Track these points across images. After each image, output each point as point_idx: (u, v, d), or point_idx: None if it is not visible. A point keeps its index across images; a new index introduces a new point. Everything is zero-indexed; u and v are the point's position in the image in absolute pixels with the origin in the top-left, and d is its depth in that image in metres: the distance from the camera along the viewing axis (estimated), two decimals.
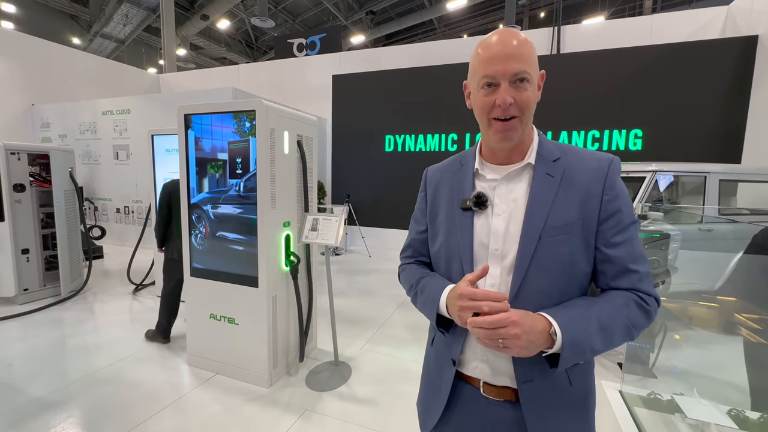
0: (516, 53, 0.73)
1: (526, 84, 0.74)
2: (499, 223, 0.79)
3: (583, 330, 0.69)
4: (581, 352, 0.70)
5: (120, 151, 6.51)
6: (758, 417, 1.15)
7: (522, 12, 14.64)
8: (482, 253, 0.80)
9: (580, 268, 0.76)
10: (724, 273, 3.36)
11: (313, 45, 9.11)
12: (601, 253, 0.76)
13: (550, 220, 0.75)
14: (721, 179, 3.43)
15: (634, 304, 0.73)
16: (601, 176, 0.76)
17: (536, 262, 0.75)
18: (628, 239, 0.75)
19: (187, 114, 2.57)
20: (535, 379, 0.76)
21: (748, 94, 4.89)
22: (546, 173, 0.79)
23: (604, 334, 0.70)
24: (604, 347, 0.71)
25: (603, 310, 0.72)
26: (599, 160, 0.78)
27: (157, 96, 7.18)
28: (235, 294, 2.52)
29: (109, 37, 14.20)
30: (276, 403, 2.33)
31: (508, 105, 0.74)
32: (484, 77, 0.76)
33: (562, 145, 0.83)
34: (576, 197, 0.76)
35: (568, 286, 0.76)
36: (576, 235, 0.75)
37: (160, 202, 3.05)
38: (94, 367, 2.70)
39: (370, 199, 6.93)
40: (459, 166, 0.91)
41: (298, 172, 2.70)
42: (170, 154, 3.94)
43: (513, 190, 0.81)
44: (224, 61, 17.79)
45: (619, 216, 0.75)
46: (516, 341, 0.67)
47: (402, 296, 4.41)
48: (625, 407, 1.25)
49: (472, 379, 0.83)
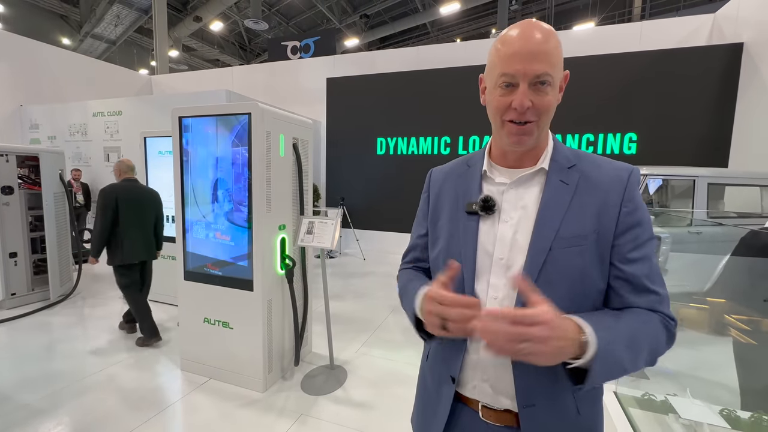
0: (539, 51, 0.66)
1: (547, 87, 0.68)
2: (506, 230, 0.73)
3: (613, 343, 0.60)
4: (610, 370, 0.61)
5: (111, 153, 6.43)
6: (749, 416, 1.18)
7: (514, 17, 14.81)
8: (485, 261, 0.74)
9: (593, 284, 0.69)
10: (713, 275, 3.42)
11: (308, 48, 9.11)
12: (616, 269, 0.69)
13: (563, 230, 0.69)
14: (709, 183, 3.51)
15: (659, 323, 0.66)
16: (620, 187, 0.70)
17: (545, 275, 0.68)
18: (645, 256, 0.68)
19: (182, 116, 2.55)
20: (538, 404, 0.69)
21: (734, 99, 5.01)
22: (560, 180, 0.72)
23: (631, 351, 0.62)
24: (631, 367, 0.63)
25: (631, 326, 0.64)
26: (618, 170, 0.72)
27: (149, 97, 7.13)
28: (230, 298, 2.50)
29: (99, 38, 14.05)
30: (271, 408, 2.31)
31: (526, 109, 0.67)
32: (502, 75, 0.69)
33: (578, 151, 0.78)
34: (592, 207, 0.70)
35: (580, 304, 0.68)
36: (590, 248, 0.68)
37: (103, 207, 2.92)
38: (84, 373, 2.65)
39: (365, 202, 6.93)
40: (466, 167, 0.85)
41: (294, 175, 2.70)
42: (163, 156, 3.90)
43: (523, 196, 0.75)
44: (217, 63, 17.70)
45: (637, 230, 0.69)
46: (542, 346, 0.56)
47: (397, 299, 4.39)
48: (621, 408, 1.27)
49: (470, 401, 0.76)
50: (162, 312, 3.83)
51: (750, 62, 4.82)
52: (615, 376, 0.63)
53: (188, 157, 2.56)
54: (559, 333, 0.57)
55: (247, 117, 2.33)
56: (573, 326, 0.60)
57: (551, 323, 0.56)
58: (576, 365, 0.60)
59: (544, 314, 0.56)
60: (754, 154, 4.66)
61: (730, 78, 5.02)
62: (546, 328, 0.55)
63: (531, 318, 0.56)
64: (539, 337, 0.55)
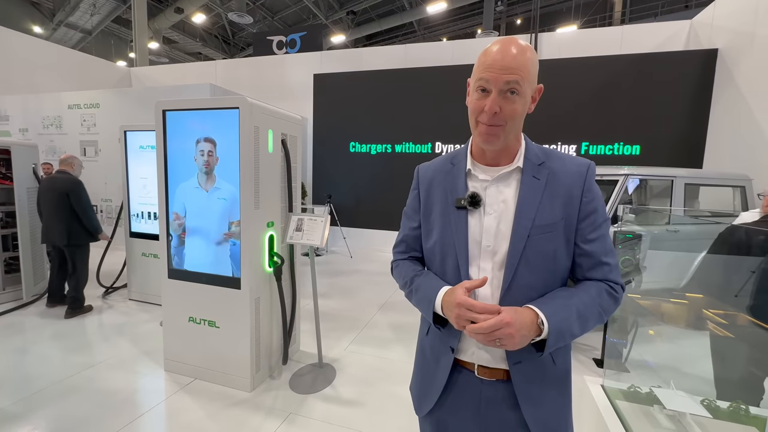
0: (512, 65, 0.77)
1: (515, 97, 0.78)
2: (490, 221, 0.85)
3: (564, 319, 0.77)
4: (563, 338, 0.78)
5: (88, 147, 6.19)
6: (728, 406, 1.23)
7: (499, 18, 14.99)
8: (475, 249, 0.86)
9: (562, 262, 0.84)
10: (689, 271, 3.56)
11: (294, 43, 8.99)
12: (579, 248, 0.84)
13: (537, 219, 0.82)
14: (686, 183, 3.64)
15: (605, 293, 0.83)
16: (580, 180, 0.85)
17: (525, 258, 0.82)
18: (601, 236, 0.84)
19: (166, 110, 2.48)
20: (524, 360, 0.84)
21: (709, 103, 5.21)
22: (533, 176, 0.85)
23: (581, 320, 0.79)
24: (581, 332, 0.80)
25: (581, 300, 0.80)
26: (579, 165, 0.86)
27: (128, 90, 6.88)
28: (217, 296, 2.45)
29: (74, 27, 13.48)
30: (259, 408, 2.28)
31: (493, 113, 0.79)
32: (478, 80, 0.81)
33: (545, 148, 0.91)
34: (559, 199, 0.84)
35: (552, 279, 0.84)
36: (559, 233, 0.83)
37: (86, 196, 3.53)
38: (61, 376, 2.55)
39: (352, 200, 6.90)
40: (450, 165, 0.95)
41: (282, 172, 2.66)
42: (145, 151, 3.78)
43: (503, 191, 0.87)
44: (199, 57, 17.25)
45: (594, 216, 0.84)
46: (511, 339, 0.74)
47: (385, 296, 4.42)
48: (608, 401, 1.31)
49: (467, 363, 0.90)
50: (143, 312, 3.73)
51: (724, 68, 5.02)
52: (567, 341, 0.81)
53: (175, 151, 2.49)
54: (518, 327, 0.74)
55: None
56: (530, 314, 0.77)
57: (510, 323, 0.73)
58: (536, 341, 0.78)
59: (504, 318, 0.74)
60: (727, 155, 4.87)
61: (705, 82, 5.22)
62: (508, 326, 0.73)
63: (494, 326, 0.74)
64: (505, 334, 0.74)
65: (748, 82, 4.58)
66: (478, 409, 0.88)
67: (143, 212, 3.92)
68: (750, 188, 3.77)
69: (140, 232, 3.94)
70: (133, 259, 3.98)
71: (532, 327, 0.76)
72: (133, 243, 3.96)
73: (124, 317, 3.57)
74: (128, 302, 3.97)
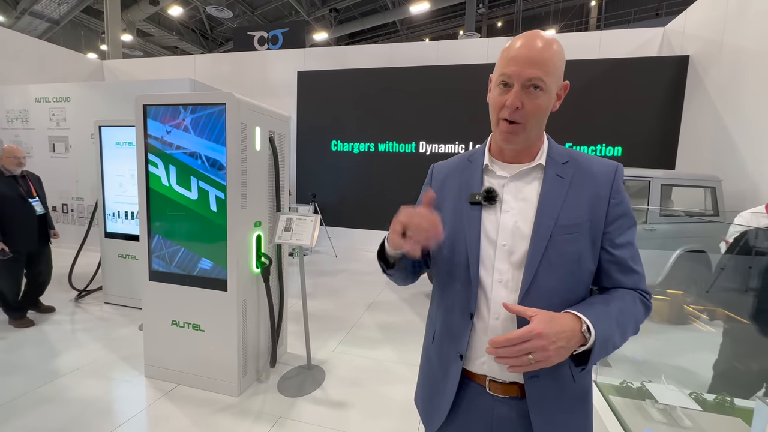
0: (536, 58, 0.73)
1: (539, 92, 0.74)
2: (508, 219, 0.80)
3: (608, 328, 0.70)
4: (605, 350, 0.70)
5: (57, 143, 5.87)
6: (714, 398, 1.28)
7: (481, 20, 15.22)
8: (489, 248, 0.80)
9: (586, 266, 0.78)
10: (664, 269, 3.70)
11: (276, 39, 8.81)
12: (607, 253, 0.79)
13: (561, 219, 0.77)
14: (662, 183, 3.79)
15: (639, 301, 0.78)
16: (608, 181, 0.80)
17: (547, 259, 0.76)
18: (630, 241, 0.79)
19: (147, 105, 2.37)
20: (541, 375, 0.76)
21: (681, 107, 5.45)
22: (557, 174, 0.80)
23: (621, 330, 0.73)
24: (621, 343, 0.73)
25: (618, 308, 0.74)
26: (606, 166, 0.82)
27: (101, 84, 6.58)
28: (202, 298, 2.37)
29: (40, 16, 12.76)
30: (247, 412, 2.22)
31: (515, 109, 0.74)
32: (501, 75, 0.77)
33: (570, 149, 0.86)
34: (585, 199, 0.78)
35: (575, 284, 0.78)
36: (584, 235, 0.77)
37: None
38: (32, 385, 2.40)
39: (336, 199, 6.84)
40: (467, 162, 0.91)
41: (270, 170, 2.60)
42: (122, 147, 3.62)
43: (523, 189, 0.82)
44: (176, 51, 16.70)
45: (624, 219, 0.79)
46: (544, 352, 0.64)
47: (371, 296, 4.40)
48: (602, 396, 1.34)
49: (477, 376, 0.82)
50: (121, 316, 3.57)
51: (695, 74, 5.26)
52: (609, 353, 0.73)
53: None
54: (554, 336, 0.64)
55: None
56: (571, 319, 0.68)
57: (543, 332, 0.64)
58: (579, 351, 0.69)
59: (534, 329, 0.64)
60: (698, 158, 5.10)
61: (677, 87, 5.45)
62: (540, 337, 0.63)
63: (523, 336, 0.64)
64: (538, 347, 0.64)
65: (717, 88, 4.81)
66: (490, 429, 0.81)
67: (120, 212, 3.75)
68: (720, 189, 3.97)
69: (117, 233, 3.76)
70: (109, 261, 3.80)
71: (573, 336, 0.66)
72: (109, 244, 3.79)
73: (99, 322, 3.40)
74: (104, 306, 3.79)
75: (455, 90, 6.12)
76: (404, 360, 2.91)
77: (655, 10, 12.90)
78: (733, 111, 4.48)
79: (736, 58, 4.47)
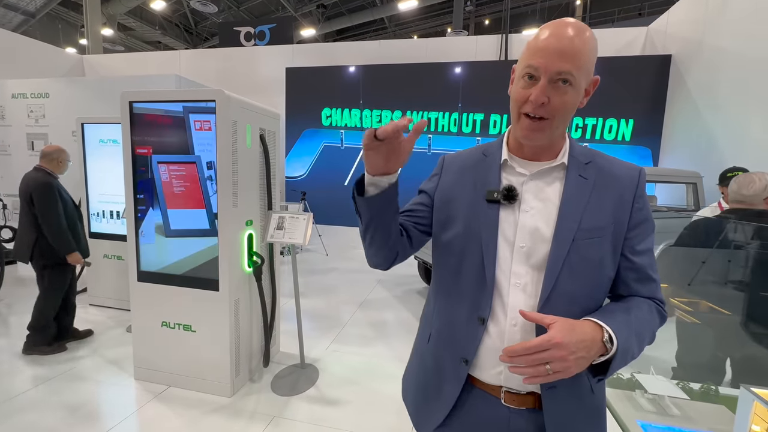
0: (567, 50, 0.66)
1: (568, 87, 0.68)
2: (527, 219, 0.75)
3: (628, 338, 0.67)
4: (625, 360, 0.67)
5: (36, 141, 5.68)
6: (700, 387, 1.33)
7: (468, 18, 15.29)
8: (506, 249, 0.76)
9: (606, 272, 0.75)
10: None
11: (263, 35, 8.69)
12: (627, 260, 0.75)
13: (584, 222, 0.73)
14: (646, 180, 3.88)
15: (655, 311, 0.76)
16: (632, 185, 0.76)
17: (568, 264, 0.72)
18: (649, 248, 0.76)
19: (133, 101, 2.32)
20: (559, 386, 0.72)
21: (664, 104, 5.60)
22: (579, 175, 0.76)
23: (639, 339, 0.70)
24: (638, 353, 0.71)
25: (636, 317, 0.71)
26: (630, 169, 0.78)
27: (82, 80, 6.40)
28: (192, 299, 2.33)
29: (14, 9, 12.28)
30: (241, 413, 2.20)
31: (540, 104, 0.68)
32: (527, 67, 0.70)
33: (591, 149, 0.82)
34: (609, 202, 0.75)
35: (595, 291, 0.75)
36: (606, 239, 0.74)
37: (56, 200, 2.71)
38: (15, 391, 2.33)
39: (326, 197, 6.81)
40: (482, 156, 0.85)
41: (261, 168, 2.57)
42: (106, 145, 3.52)
43: (544, 188, 0.77)
44: (159, 46, 16.29)
45: (645, 225, 0.76)
46: (563, 362, 0.60)
47: (363, 294, 4.40)
48: None
49: (488, 385, 0.77)
50: (107, 318, 3.49)
51: (677, 72, 5.40)
52: (626, 363, 0.69)
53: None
54: (574, 346, 0.61)
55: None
56: (591, 328, 0.65)
57: (562, 342, 0.60)
58: (600, 362, 0.65)
59: (553, 338, 0.60)
60: (679, 154, 5.25)
61: (660, 85, 5.60)
62: (559, 346, 0.60)
63: (541, 345, 0.60)
64: (557, 357, 0.60)
65: (697, 87, 4.96)
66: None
67: (104, 211, 3.66)
68: (701, 185, 4.09)
69: (101, 233, 3.67)
70: (94, 262, 3.70)
71: (594, 346, 0.63)
72: (94, 244, 3.68)
73: (85, 324, 3.32)
74: (89, 308, 3.70)
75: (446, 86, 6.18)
76: (397, 357, 2.93)
77: (638, 9, 13.17)
78: (713, 109, 4.62)
79: (716, 58, 4.61)
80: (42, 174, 2.76)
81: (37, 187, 2.67)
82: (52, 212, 2.67)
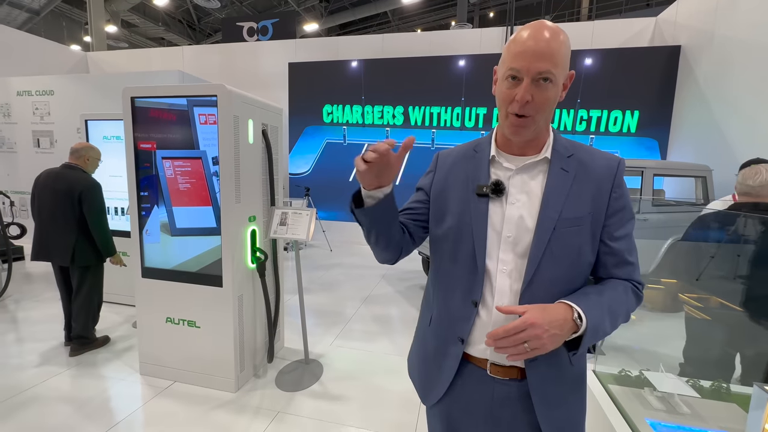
0: (545, 51, 0.73)
1: (548, 84, 0.75)
2: (513, 211, 0.82)
3: (598, 316, 0.74)
4: (596, 336, 0.75)
5: (42, 138, 5.71)
6: (710, 384, 1.30)
7: (473, 11, 15.10)
8: (494, 238, 0.83)
9: (586, 258, 0.82)
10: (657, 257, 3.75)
11: (265, 30, 8.64)
12: (605, 245, 0.82)
13: (565, 212, 0.79)
14: (654, 174, 3.82)
15: (631, 291, 0.82)
16: (610, 175, 0.82)
17: (550, 251, 0.78)
18: (627, 234, 0.82)
19: (134, 97, 2.30)
20: (540, 359, 0.80)
21: (672, 96, 5.49)
22: (561, 168, 0.82)
23: (611, 318, 0.77)
24: (611, 330, 0.78)
25: (611, 297, 0.78)
26: (609, 160, 0.84)
27: (86, 76, 6.40)
28: (196, 295, 2.34)
29: (19, 6, 12.32)
30: (245, 408, 2.21)
31: (525, 103, 0.75)
32: (509, 70, 0.76)
33: (573, 141, 0.88)
34: (588, 192, 0.81)
35: (576, 276, 0.82)
36: (585, 227, 0.80)
37: (101, 203, 2.71)
38: (22, 386, 2.35)
39: (331, 193, 6.80)
40: (473, 152, 0.91)
41: (264, 164, 2.56)
42: (110, 142, 3.53)
43: (528, 181, 0.83)
44: (162, 42, 16.29)
45: (623, 213, 0.82)
46: (539, 340, 0.69)
47: (367, 290, 4.39)
48: (600, 385, 1.35)
49: (478, 360, 0.86)
50: (113, 313, 3.51)
51: (686, 63, 5.29)
52: (599, 339, 0.80)
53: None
54: (547, 325, 0.69)
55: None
56: (565, 310, 0.72)
57: (536, 322, 0.68)
58: (572, 338, 0.74)
59: (527, 319, 0.69)
60: (688, 147, 5.16)
61: (669, 77, 5.48)
62: (534, 326, 0.68)
63: (518, 327, 0.69)
64: (533, 335, 0.68)
65: (707, 78, 4.85)
66: (490, 409, 0.85)
67: (110, 208, 3.66)
68: (710, 178, 4.01)
69: None
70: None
71: (566, 324, 0.71)
72: None
73: None
74: None
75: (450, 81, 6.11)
76: (401, 352, 2.92)
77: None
78: (722, 101, 4.52)
79: (726, 49, 4.50)
80: (85, 174, 2.74)
81: (89, 188, 2.64)
82: (103, 214, 2.70)
